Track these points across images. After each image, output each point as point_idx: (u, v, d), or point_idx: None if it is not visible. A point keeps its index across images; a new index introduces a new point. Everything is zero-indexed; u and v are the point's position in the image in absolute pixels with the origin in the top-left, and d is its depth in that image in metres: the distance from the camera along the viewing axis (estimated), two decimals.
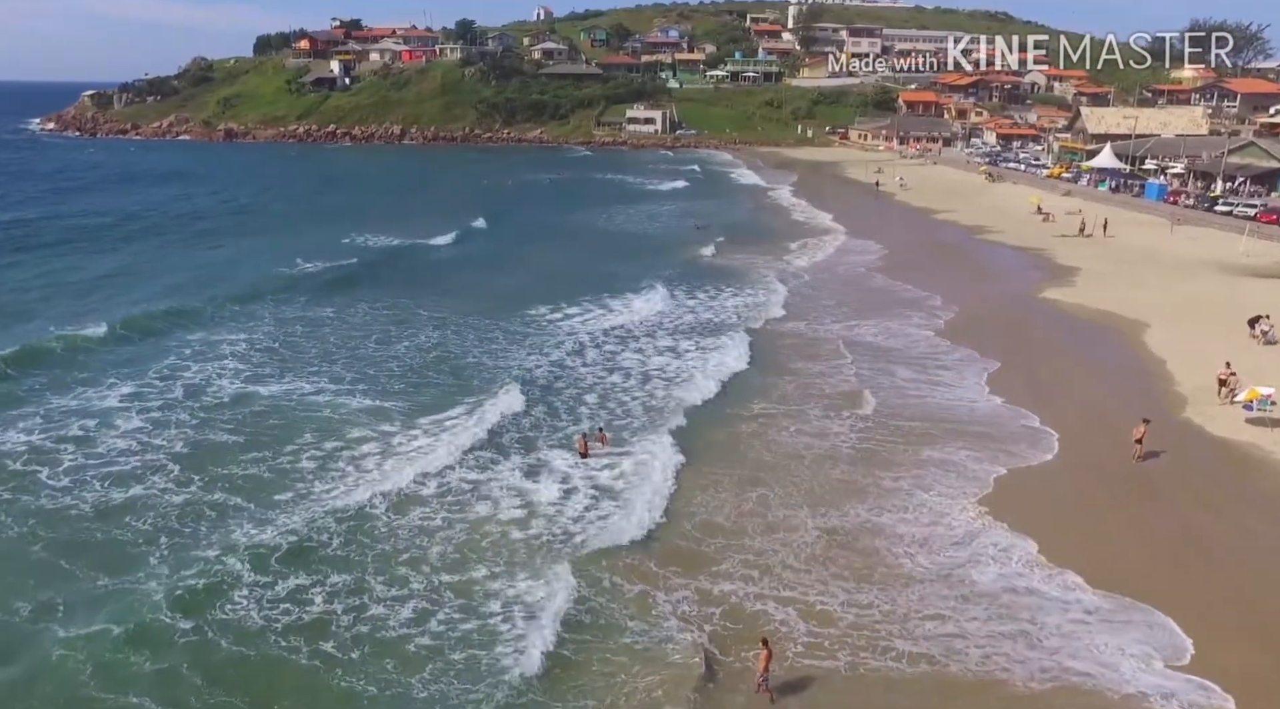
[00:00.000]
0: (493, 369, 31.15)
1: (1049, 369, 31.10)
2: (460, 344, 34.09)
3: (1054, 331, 36.06)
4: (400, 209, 72.57)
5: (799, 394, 28.77)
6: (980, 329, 36.14)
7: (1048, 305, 40.32)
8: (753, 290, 43.93)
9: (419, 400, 27.86)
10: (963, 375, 30.43)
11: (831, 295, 42.65)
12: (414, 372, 30.67)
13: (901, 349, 33.56)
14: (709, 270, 49.08)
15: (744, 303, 41.41)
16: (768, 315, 38.93)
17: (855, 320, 37.87)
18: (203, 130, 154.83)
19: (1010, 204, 73.68)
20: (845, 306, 40.40)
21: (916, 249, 55.15)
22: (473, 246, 55.93)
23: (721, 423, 26.43)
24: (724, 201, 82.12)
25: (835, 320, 37.91)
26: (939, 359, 32.28)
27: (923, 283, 44.76)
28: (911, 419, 26.34)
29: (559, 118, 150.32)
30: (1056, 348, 33.67)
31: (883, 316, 38.41)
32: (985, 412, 27.22)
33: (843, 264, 50.83)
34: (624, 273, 47.63)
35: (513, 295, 41.99)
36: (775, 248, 55.63)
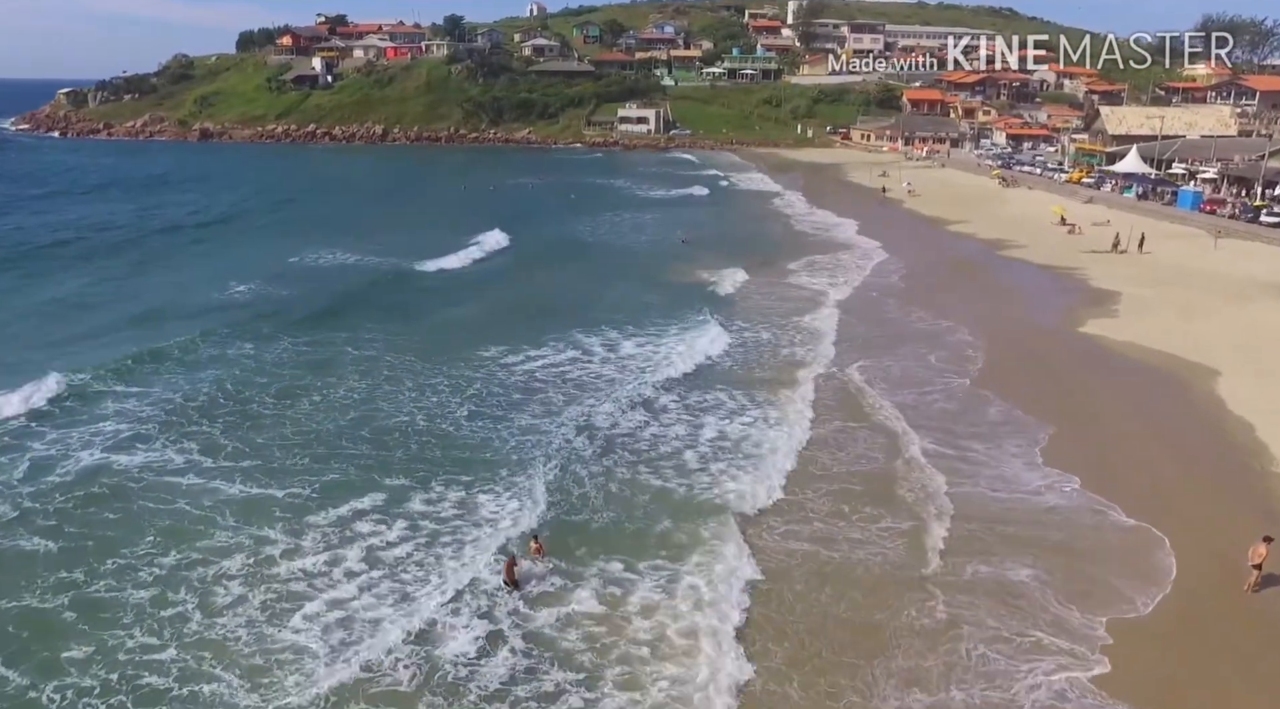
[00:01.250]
0: (413, 435, 25.17)
1: (1115, 439, 25.02)
2: (389, 399, 28.06)
3: (1107, 381, 29.99)
4: (365, 220, 66.66)
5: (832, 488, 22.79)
6: (1019, 377, 30.11)
7: (1092, 343, 34.25)
8: (740, 324, 37.89)
9: (323, 484, 21.90)
10: (1013, 447, 24.33)
11: (839, 326, 36.53)
12: (323, 441, 24.66)
13: (932, 407, 27.46)
14: (688, 299, 43.00)
15: (733, 343, 35.37)
16: (758, 357, 32.93)
17: (869, 359, 31.81)
18: (178, 130, 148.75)
19: (1030, 213, 67.65)
20: (855, 341, 34.31)
21: (933, 268, 49.11)
22: (427, 266, 49.76)
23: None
24: (716, 208, 76.08)
25: (847, 361, 31.82)
26: (978, 422, 26.19)
27: (945, 310, 38.78)
28: (970, 520, 20.33)
29: (548, 117, 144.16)
30: (1116, 406, 27.55)
31: (903, 357, 32.39)
32: (1057, 509, 21.10)
33: (850, 286, 44.74)
34: (600, 301, 41.67)
35: (455, 330, 36.01)
36: (769, 265, 49.53)
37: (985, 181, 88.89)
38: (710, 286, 44.40)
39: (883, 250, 54.30)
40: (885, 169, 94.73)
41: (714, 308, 39.89)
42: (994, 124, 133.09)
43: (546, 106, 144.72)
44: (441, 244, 53.89)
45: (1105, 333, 35.34)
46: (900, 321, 37.65)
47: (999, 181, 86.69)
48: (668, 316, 38.22)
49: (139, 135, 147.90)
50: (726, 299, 42.11)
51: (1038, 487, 22.16)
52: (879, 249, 54.81)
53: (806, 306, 40.22)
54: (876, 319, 38.27)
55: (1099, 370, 31.17)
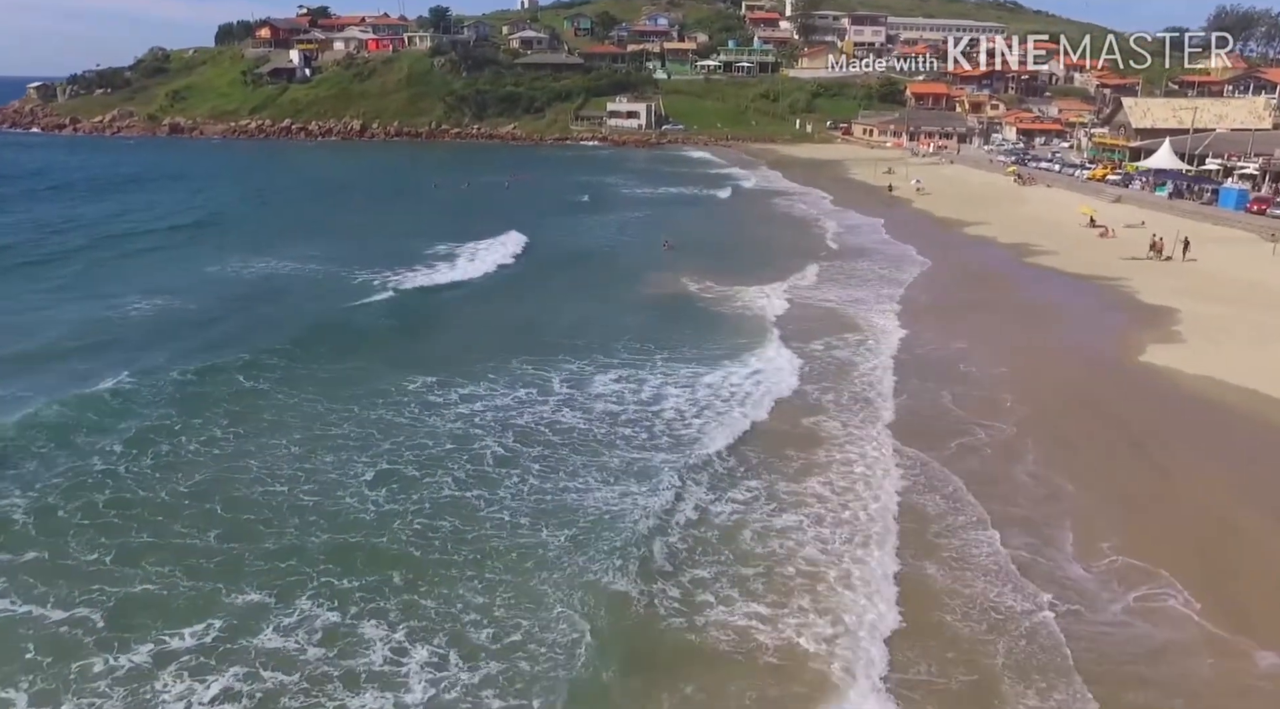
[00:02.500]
0: (291, 517, 18.58)
1: (1221, 529, 18.41)
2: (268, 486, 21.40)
3: (1190, 434, 23.38)
4: (322, 221, 60.30)
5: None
6: (1071, 431, 23.49)
7: (1159, 378, 27.62)
8: (715, 362, 31.27)
9: (119, 604, 15.33)
10: (1070, 544, 17.73)
11: (833, 371, 29.58)
12: (143, 526, 18.03)
13: (944, 488, 20.81)
14: (670, 315, 36.37)
15: (714, 387, 28.77)
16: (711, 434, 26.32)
17: (872, 424, 25.03)
18: (146, 125, 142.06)
19: (1053, 214, 61.15)
20: (853, 393, 27.55)
21: (950, 279, 42.49)
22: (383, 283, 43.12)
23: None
24: (707, 208, 69.56)
25: (850, 423, 25.05)
26: (1018, 499, 19.59)
27: (967, 332, 32.20)
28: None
29: (534, 112, 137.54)
30: (1210, 473, 20.90)
31: (917, 397, 25.81)
32: (1164, 652, 14.54)
33: (849, 304, 38.00)
34: (565, 323, 35.11)
35: (373, 362, 29.38)
36: (756, 275, 42.85)
37: (999, 179, 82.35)
38: (687, 298, 37.88)
39: (895, 258, 47.73)
40: (890, 166, 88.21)
41: (740, 337, 33.22)
42: (1003, 119, 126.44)
43: (533, 101, 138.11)
44: (400, 253, 47.38)
45: (1173, 363, 28.69)
46: (919, 360, 30.81)
47: (1014, 179, 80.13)
48: (661, 348, 31.52)
49: (105, 131, 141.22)
50: (706, 316, 35.53)
51: (1117, 614, 15.55)
52: (889, 258, 48.21)
53: (792, 325, 33.65)
54: (883, 354, 31.48)
55: (1175, 418, 24.55)
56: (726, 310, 36.70)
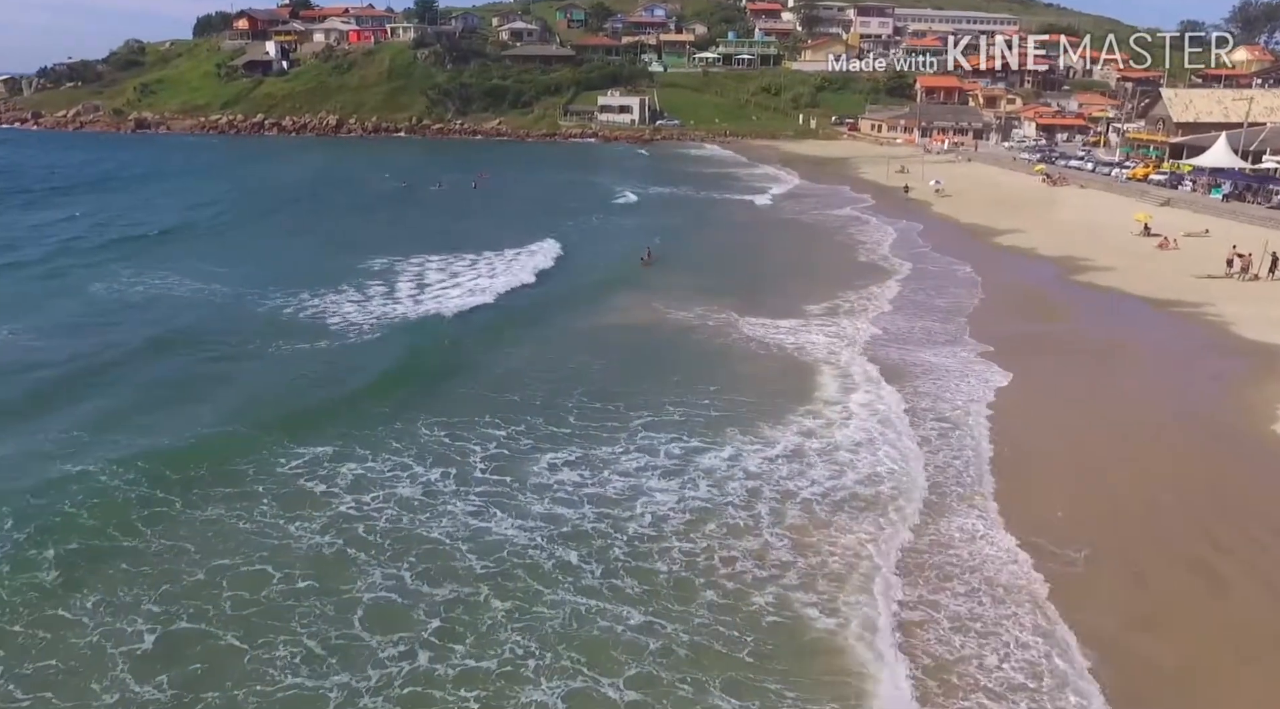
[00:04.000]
0: None
1: None
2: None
3: None
4: (261, 231, 52.75)
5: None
6: (1195, 578, 15.58)
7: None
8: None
9: None
10: None
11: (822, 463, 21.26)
12: None
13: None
14: (637, 359, 28.50)
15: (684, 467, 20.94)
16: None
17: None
18: (111, 120, 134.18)
19: (1095, 219, 53.26)
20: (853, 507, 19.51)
21: (991, 304, 34.44)
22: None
23: None
24: (698, 213, 61.72)
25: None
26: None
27: (1028, 387, 24.34)
28: None
29: (521, 106, 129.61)
30: None
31: (959, 515, 17.90)
32: None
33: (856, 342, 29.86)
34: (512, 367, 27.30)
35: (239, 423, 21.58)
36: (744, 301, 34.92)
37: (1025, 179, 74.33)
38: (655, 328, 29.98)
39: (916, 278, 39.78)
40: (904, 164, 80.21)
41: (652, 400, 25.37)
42: (1022, 113, 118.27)
43: (520, 94, 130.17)
44: (328, 272, 39.63)
45: None
46: (947, 406, 22.90)
47: (1043, 179, 72.09)
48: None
49: (68, 125, 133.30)
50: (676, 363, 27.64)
51: None
52: (910, 276, 40.28)
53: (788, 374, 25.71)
54: (896, 425, 23.30)
55: None
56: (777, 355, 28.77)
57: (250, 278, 37.57)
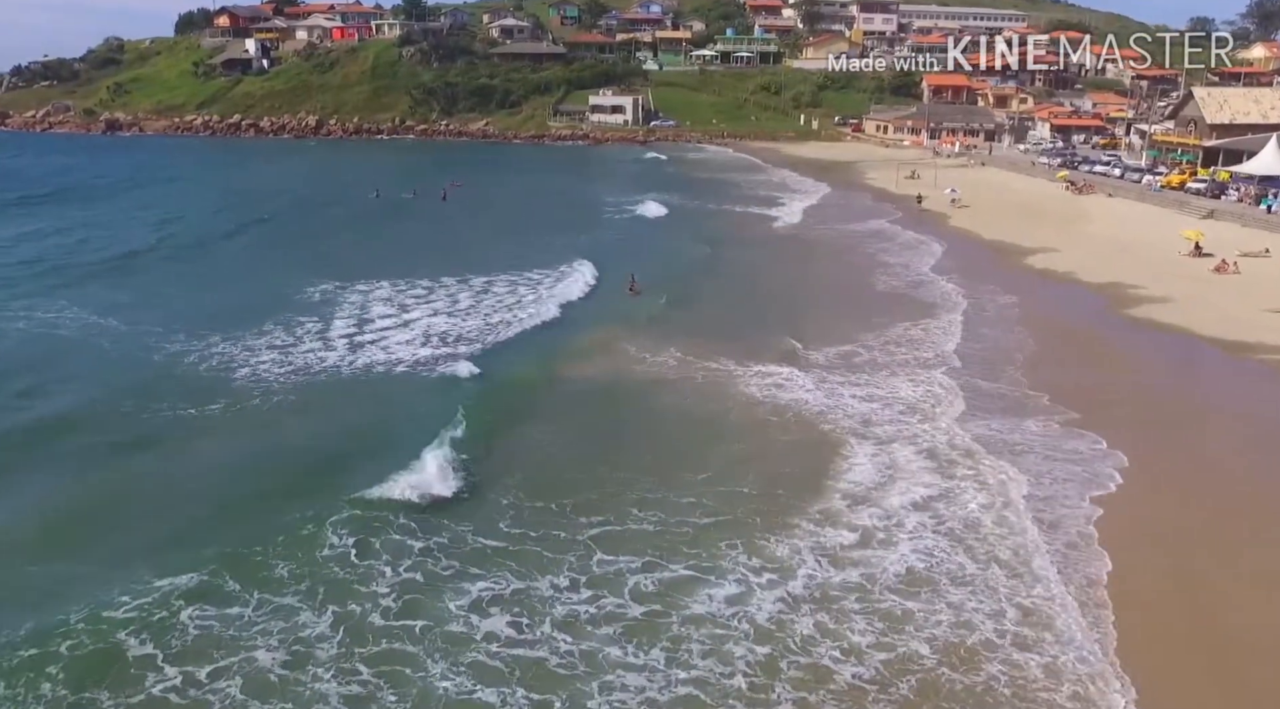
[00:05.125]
0: None
1: None
2: None
3: None
4: (207, 249, 47.24)
5: None
6: None
7: None
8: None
9: None
10: None
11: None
12: None
13: None
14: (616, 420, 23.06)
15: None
16: None
17: None
18: (82, 120, 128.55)
19: (1133, 235, 47.74)
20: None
21: (1042, 349, 28.79)
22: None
23: None
24: (696, 229, 56.17)
25: None
26: None
27: (1086, 485, 18.86)
28: None
29: (509, 106, 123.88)
30: None
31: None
32: None
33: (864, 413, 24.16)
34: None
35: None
36: (749, 344, 29.37)
37: (1047, 186, 68.73)
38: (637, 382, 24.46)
39: (935, 309, 34.25)
40: (914, 169, 74.59)
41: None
42: (1035, 113, 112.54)
43: (508, 94, 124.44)
44: (261, 304, 34.19)
45: None
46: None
47: (1066, 186, 66.45)
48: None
49: (35, 126, 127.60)
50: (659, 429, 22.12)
51: None
52: (928, 307, 34.73)
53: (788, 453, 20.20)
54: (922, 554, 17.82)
55: None
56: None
57: (168, 314, 32.11)
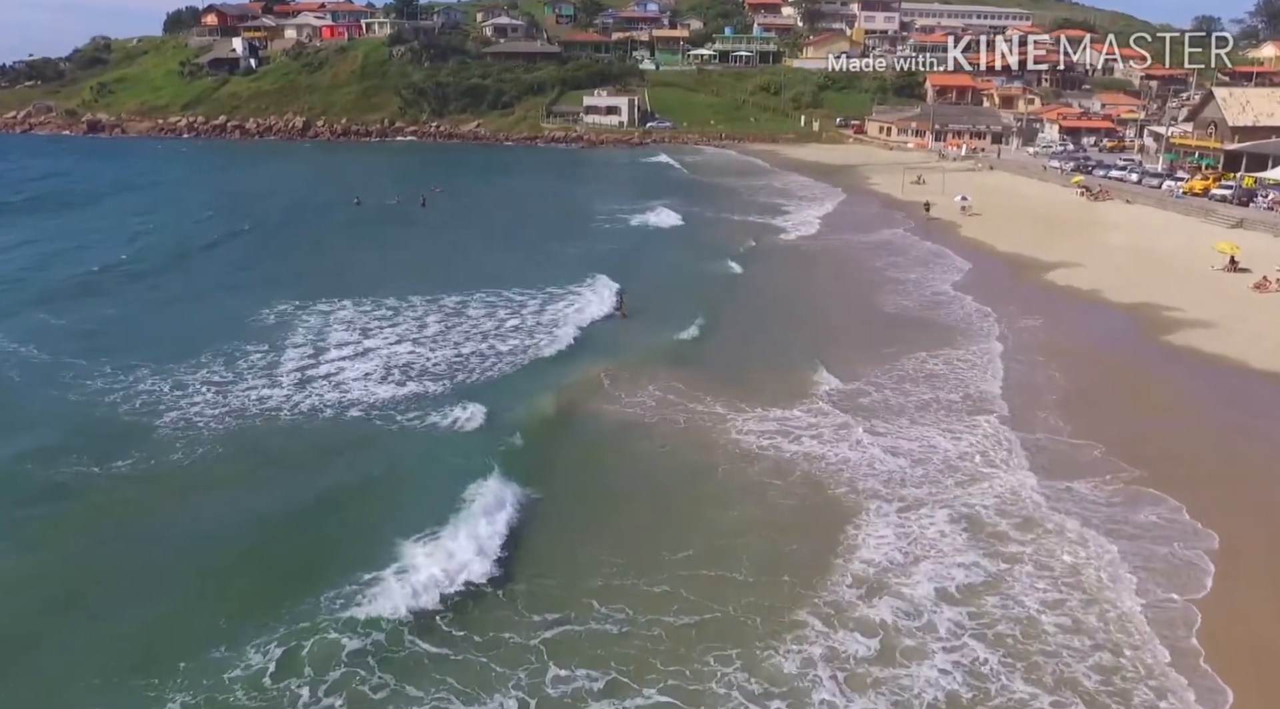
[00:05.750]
0: None
1: None
2: None
3: None
4: (175, 277, 44.00)
5: None
6: None
7: None
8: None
9: None
10: None
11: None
12: None
13: None
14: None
15: None
16: None
17: None
18: (63, 122, 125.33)
19: (1157, 246, 44.51)
20: None
21: (1077, 384, 25.55)
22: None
23: None
24: (697, 241, 52.98)
25: None
26: None
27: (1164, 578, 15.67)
28: None
29: (502, 107, 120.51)
30: None
31: None
32: None
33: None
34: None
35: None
36: (748, 378, 26.18)
37: (1060, 192, 65.44)
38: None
39: (952, 337, 31.01)
40: (920, 173, 71.30)
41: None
42: (1044, 114, 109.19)
43: (500, 94, 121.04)
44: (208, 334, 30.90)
45: None
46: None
47: (1081, 192, 63.16)
48: None
49: (16, 127, 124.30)
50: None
51: None
52: (944, 336, 31.51)
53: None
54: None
55: None
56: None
57: (103, 343, 29.03)
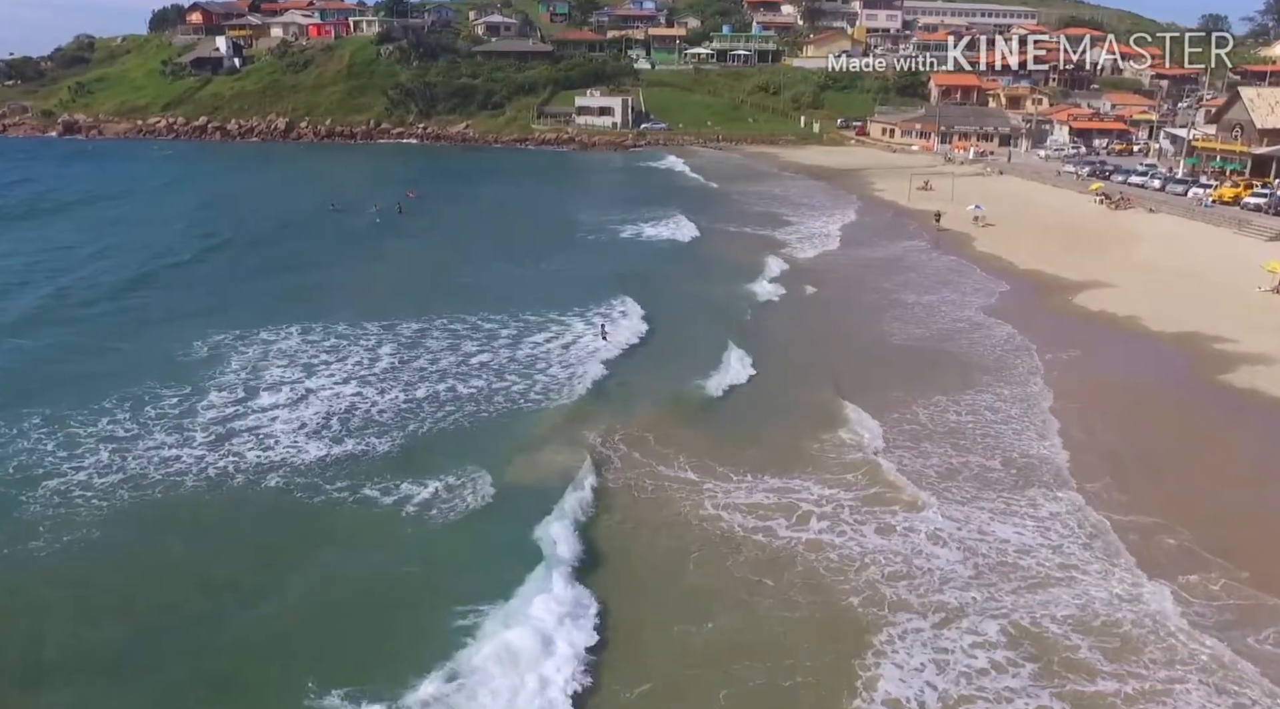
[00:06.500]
0: None
1: None
2: None
3: None
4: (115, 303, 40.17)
5: None
6: None
7: None
8: None
9: None
10: None
11: None
12: None
13: None
14: None
15: None
16: None
17: None
18: (39, 123, 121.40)
19: (1194, 263, 40.69)
20: None
21: (1102, 446, 21.76)
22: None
23: None
24: (681, 260, 49.19)
25: None
26: None
27: None
28: None
29: (492, 107, 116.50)
30: None
31: None
32: None
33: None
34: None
35: None
36: (735, 441, 22.40)
37: (1076, 199, 61.55)
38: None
39: (973, 379, 27.22)
40: (927, 179, 67.45)
41: None
42: (1053, 115, 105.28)
43: (490, 94, 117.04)
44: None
45: None
46: None
47: (1099, 200, 59.31)
48: None
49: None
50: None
51: None
52: (967, 376, 27.70)
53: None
54: None
55: None
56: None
57: (8, 388, 25.14)
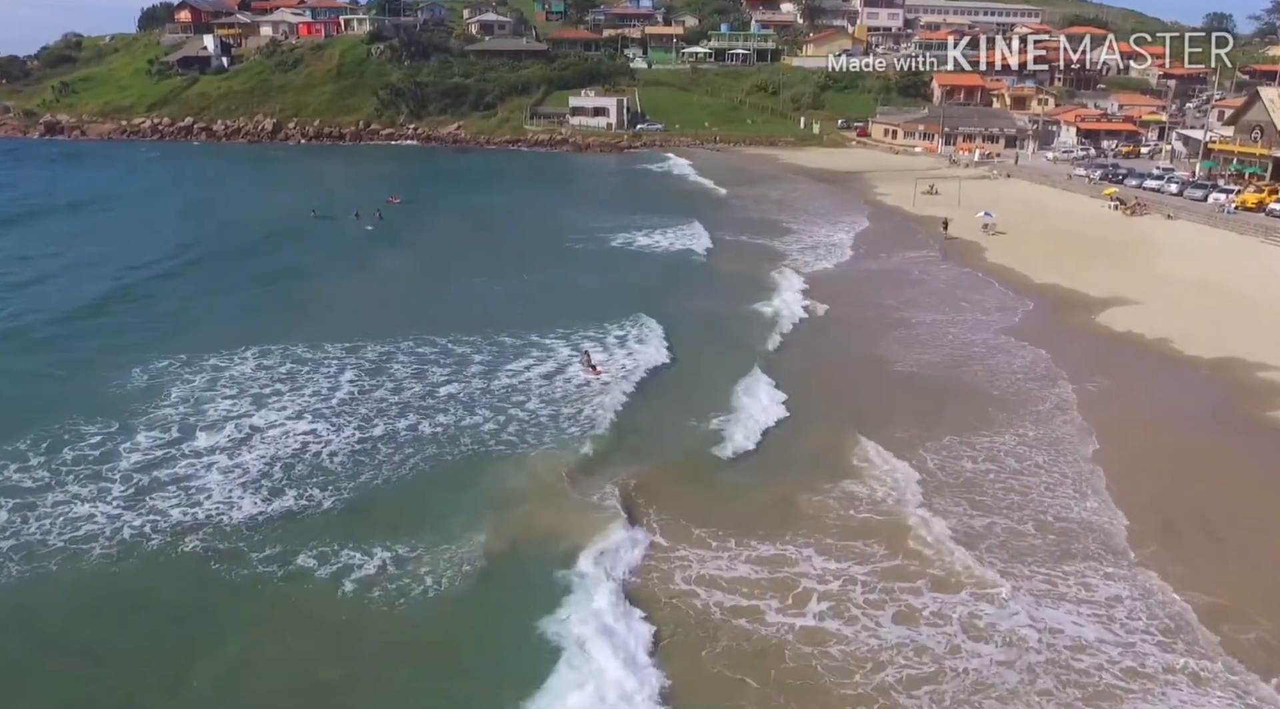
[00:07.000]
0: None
1: None
2: None
3: None
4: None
5: None
6: None
7: None
8: None
9: None
10: None
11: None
12: None
13: None
14: None
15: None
16: None
17: None
18: (20, 123, 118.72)
19: (1219, 276, 38.07)
20: None
21: (1166, 510, 19.13)
22: None
23: None
24: (675, 274, 46.49)
25: None
26: None
27: None
28: None
29: (484, 108, 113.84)
30: None
31: None
32: None
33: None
34: None
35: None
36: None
37: (1090, 205, 58.88)
38: None
39: (989, 426, 24.59)
40: (932, 183, 64.79)
41: None
42: (1061, 116, 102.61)
43: (483, 94, 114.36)
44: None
45: None
46: None
47: (1113, 205, 56.67)
48: None
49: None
50: None
51: None
52: (981, 428, 25.05)
53: None
54: None
55: None
56: None
57: None
